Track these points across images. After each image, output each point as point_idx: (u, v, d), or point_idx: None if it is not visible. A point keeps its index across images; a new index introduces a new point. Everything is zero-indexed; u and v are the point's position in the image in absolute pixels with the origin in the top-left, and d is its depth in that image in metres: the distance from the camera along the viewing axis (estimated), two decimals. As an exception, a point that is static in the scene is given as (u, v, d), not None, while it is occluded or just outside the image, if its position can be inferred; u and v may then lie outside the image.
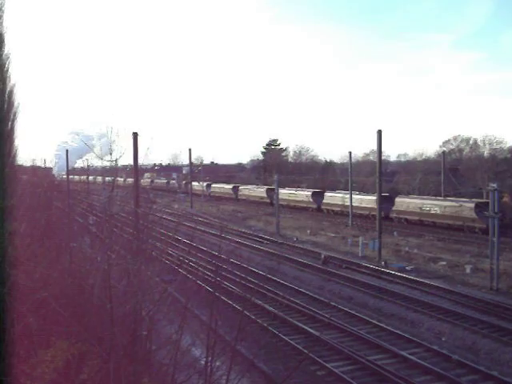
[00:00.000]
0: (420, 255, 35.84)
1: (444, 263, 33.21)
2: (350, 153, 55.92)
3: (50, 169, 59.03)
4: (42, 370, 7.22)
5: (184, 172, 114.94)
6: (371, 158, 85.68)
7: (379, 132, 35.23)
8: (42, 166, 51.47)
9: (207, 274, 18.72)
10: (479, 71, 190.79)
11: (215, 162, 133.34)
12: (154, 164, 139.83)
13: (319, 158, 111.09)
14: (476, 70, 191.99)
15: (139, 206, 20.29)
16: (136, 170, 29.73)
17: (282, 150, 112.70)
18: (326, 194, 65.57)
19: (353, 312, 22.34)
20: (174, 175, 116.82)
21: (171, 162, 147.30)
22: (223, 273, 18.96)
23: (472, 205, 45.86)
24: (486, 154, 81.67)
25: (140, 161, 29.95)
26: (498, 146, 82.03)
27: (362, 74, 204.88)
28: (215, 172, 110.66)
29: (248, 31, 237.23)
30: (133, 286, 9.60)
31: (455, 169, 75.34)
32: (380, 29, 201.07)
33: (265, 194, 75.68)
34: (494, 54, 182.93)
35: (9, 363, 7.65)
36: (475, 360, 17.27)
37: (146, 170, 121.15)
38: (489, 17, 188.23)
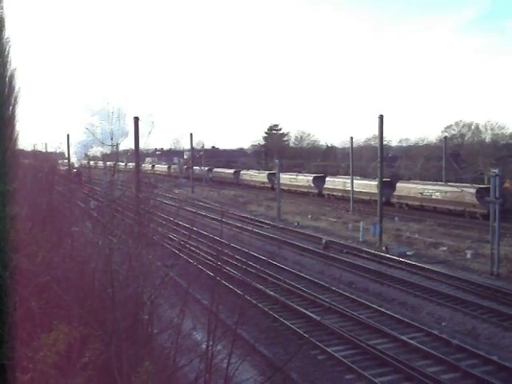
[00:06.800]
0: (421, 240, 35.88)
1: (445, 248, 33.25)
2: (352, 138, 55.76)
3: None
4: (44, 354, 7.24)
5: (185, 157, 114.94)
6: (372, 142, 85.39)
7: (381, 117, 35.13)
8: (43, 150, 51.35)
9: (208, 259, 18.78)
10: (482, 56, 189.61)
11: (216, 146, 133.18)
12: (155, 148, 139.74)
13: (320, 142, 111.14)
14: (479, 54, 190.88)
15: (140, 191, 20.29)
16: (137, 154, 29.75)
17: (283, 134, 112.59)
18: (327, 178, 65.51)
19: (353, 297, 22.41)
20: (176, 160, 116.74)
21: (172, 147, 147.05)
22: (224, 257, 18.98)
23: (473, 190, 45.78)
24: (487, 139, 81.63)
25: (141, 145, 29.96)
26: (499, 132, 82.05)
27: (363, 58, 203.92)
28: (216, 157, 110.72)
29: (245, 14, 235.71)
30: (134, 271, 9.64)
31: (457, 154, 75.11)
32: (383, 12, 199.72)
33: (266, 179, 75.65)
34: (498, 38, 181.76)
35: (11, 347, 7.69)
36: (475, 345, 17.32)
37: (147, 154, 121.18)
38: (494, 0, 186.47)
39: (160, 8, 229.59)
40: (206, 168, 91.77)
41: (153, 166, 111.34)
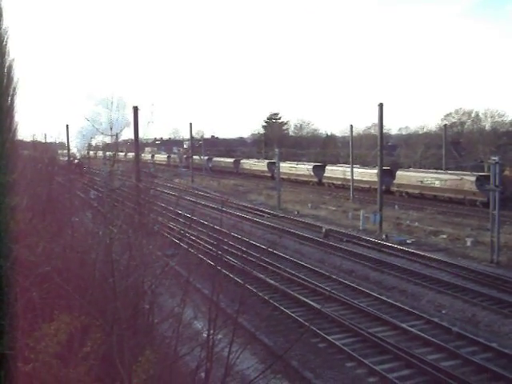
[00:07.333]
0: (421, 228, 35.92)
1: (445, 236, 33.30)
2: (352, 126, 55.70)
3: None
4: (45, 344, 7.26)
5: (185, 146, 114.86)
6: (372, 131, 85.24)
7: (380, 105, 35.08)
8: (43, 141, 51.04)
9: (209, 248, 18.78)
10: (483, 43, 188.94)
11: (216, 136, 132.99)
12: (155, 138, 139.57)
13: (320, 131, 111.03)
14: (480, 41, 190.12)
15: (140, 181, 20.30)
16: (137, 144, 29.70)
17: (282, 123, 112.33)
18: (327, 167, 65.53)
19: (354, 285, 22.45)
20: (175, 149, 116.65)
21: (172, 137, 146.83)
22: (224, 246, 19.00)
23: (473, 178, 45.83)
24: (487, 127, 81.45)
25: (140, 135, 29.92)
26: (499, 119, 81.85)
27: (363, 47, 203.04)
28: (216, 146, 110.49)
29: (244, 2, 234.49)
30: (135, 260, 9.65)
31: (457, 142, 75.10)
32: None
33: (266, 168, 75.63)
34: (499, 24, 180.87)
35: (12, 337, 7.70)
36: (475, 332, 17.39)
37: (146, 144, 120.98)
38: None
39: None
40: (206, 157, 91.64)
41: (152, 155, 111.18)
